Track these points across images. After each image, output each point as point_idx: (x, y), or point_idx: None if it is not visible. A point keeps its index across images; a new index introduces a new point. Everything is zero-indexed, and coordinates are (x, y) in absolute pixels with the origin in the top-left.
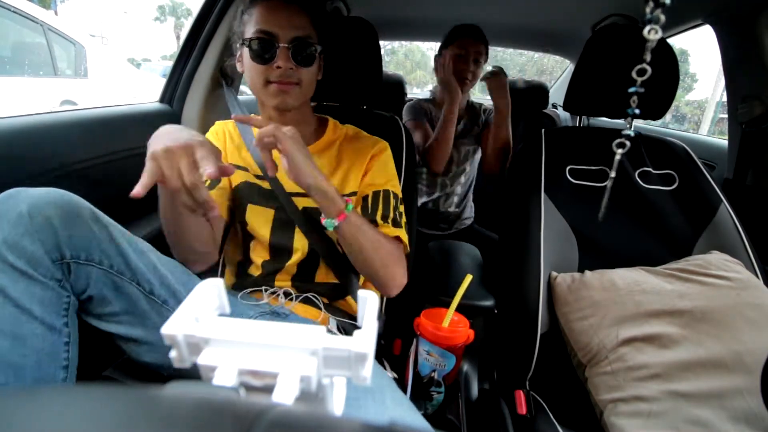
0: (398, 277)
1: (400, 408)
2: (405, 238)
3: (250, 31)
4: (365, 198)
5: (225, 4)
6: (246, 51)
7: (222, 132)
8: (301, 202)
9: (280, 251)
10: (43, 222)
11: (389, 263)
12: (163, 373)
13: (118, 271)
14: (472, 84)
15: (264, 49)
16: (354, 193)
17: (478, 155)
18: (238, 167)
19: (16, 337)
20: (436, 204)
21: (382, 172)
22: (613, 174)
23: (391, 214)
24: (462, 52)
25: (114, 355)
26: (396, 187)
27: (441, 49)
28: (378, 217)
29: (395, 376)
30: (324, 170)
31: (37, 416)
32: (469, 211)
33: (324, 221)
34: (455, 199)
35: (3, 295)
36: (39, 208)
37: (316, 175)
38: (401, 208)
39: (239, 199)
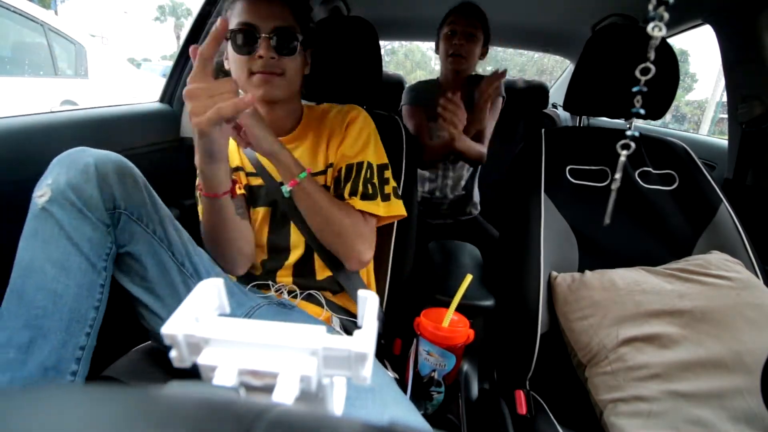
0: (358, 252)
1: (399, 407)
2: (380, 210)
3: (232, 24)
4: (339, 171)
5: (225, 4)
6: (229, 44)
7: None
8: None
9: (277, 250)
10: (104, 174)
11: (345, 235)
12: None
13: (159, 237)
14: (469, 61)
15: (245, 41)
16: (332, 165)
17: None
18: (239, 169)
19: (63, 267)
20: (443, 191)
21: (355, 141)
22: (618, 176)
23: (361, 188)
24: (454, 29)
25: (115, 353)
26: (373, 154)
27: (437, 33)
28: (346, 193)
29: (397, 376)
30: (306, 153)
31: (37, 416)
32: (476, 196)
33: (282, 188)
34: (462, 182)
35: (59, 227)
36: (103, 163)
37: (272, 141)
38: (386, 174)
39: (247, 196)
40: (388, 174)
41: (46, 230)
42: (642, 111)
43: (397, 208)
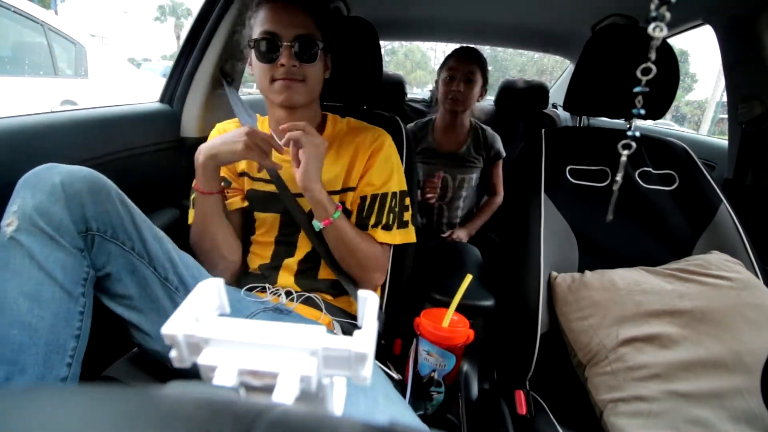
0: (374, 280)
1: (393, 405)
2: (396, 239)
3: (256, 32)
4: (363, 198)
5: (225, 4)
6: (253, 52)
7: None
8: (306, 204)
9: (282, 252)
10: (73, 194)
11: (367, 266)
12: (169, 365)
13: (138, 253)
14: (466, 104)
15: (268, 49)
16: (352, 188)
17: (476, 178)
18: (244, 174)
19: (36, 298)
20: (439, 225)
21: (381, 170)
22: (619, 177)
23: (384, 220)
24: (453, 74)
25: (115, 353)
26: (396, 183)
27: (437, 74)
28: (370, 223)
29: (400, 377)
30: (325, 168)
31: (37, 416)
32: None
33: (313, 222)
34: (459, 214)
35: (30, 257)
36: (71, 182)
37: (319, 186)
38: (406, 201)
39: (252, 204)
40: (408, 201)
41: (16, 261)
42: (643, 111)
43: (410, 236)
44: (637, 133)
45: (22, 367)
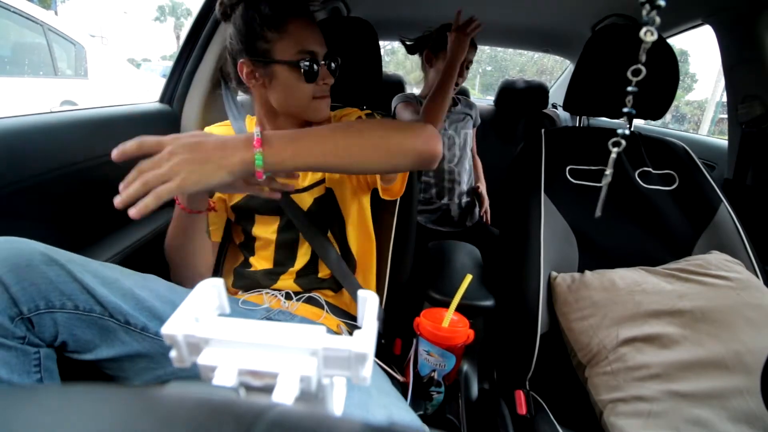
0: (420, 140)
1: (386, 397)
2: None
3: (289, 52)
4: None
5: None
6: (284, 70)
7: None
8: (303, 203)
9: (283, 259)
10: None
11: (387, 136)
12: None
13: (85, 309)
14: (460, 83)
15: (312, 68)
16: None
17: (471, 137)
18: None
19: None
20: (450, 199)
21: (348, 118)
22: (608, 171)
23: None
24: None
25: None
26: (366, 112)
27: (431, 50)
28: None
29: (404, 378)
30: None
31: (37, 416)
32: (478, 208)
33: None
34: (464, 188)
35: None
36: None
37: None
38: None
39: (246, 211)
40: None
41: None
42: (633, 111)
43: None
44: (627, 131)
45: None
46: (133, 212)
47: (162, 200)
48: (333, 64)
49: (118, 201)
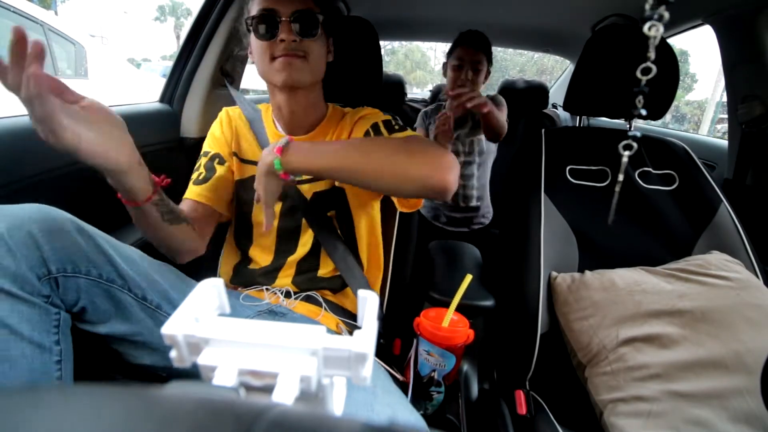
0: (430, 169)
1: (390, 396)
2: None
3: (253, 11)
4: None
5: (225, 4)
6: (252, 34)
7: (227, 119)
8: (307, 190)
9: (284, 248)
10: (24, 239)
11: (400, 161)
12: (161, 374)
13: (108, 279)
14: (474, 91)
15: (267, 26)
16: None
17: (486, 146)
18: (249, 162)
19: (5, 359)
20: (455, 199)
21: (367, 121)
22: (621, 177)
23: (391, 129)
24: (461, 62)
25: (115, 359)
26: (386, 117)
27: (446, 57)
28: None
29: (404, 378)
30: None
31: (37, 416)
32: (487, 209)
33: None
34: (474, 192)
35: None
36: (18, 226)
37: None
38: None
39: (247, 195)
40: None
41: None
42: (644, 111)
43: None
44: (638, 134)
45: None
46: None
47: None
48: (298, 23)
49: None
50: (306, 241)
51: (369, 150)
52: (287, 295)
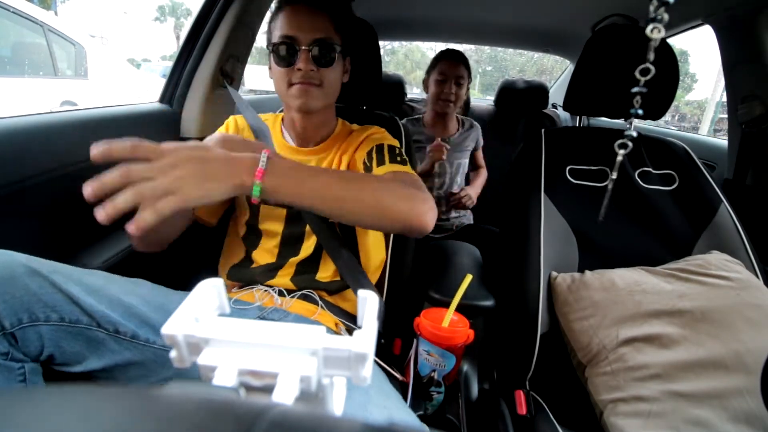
0: (415, 212)
1: (386, 399)
2: (410, 170)
3: (275, 38)
4: (364, 160)
5: (225, 4)
6: (272, 56)
7: (234, 129)
8: None
9: (287, 252)
10: None
11: (384, 198)
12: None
13: (71, 321)
14: (457, 104)
15: (287, 53)
16: None
17: (466, 165)
18: None
19: None
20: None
21: (372, 140)
22: (614, 175)
23: (393, 157)
24: (445, 77)
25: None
26: (391, 142)
27: (426, 74)
28: (374, 165)
29: (405, 379)
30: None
31: (37, 416)
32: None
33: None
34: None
35: None
36: None
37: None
38: (404, 156)
39: (252, 205)
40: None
41: None
42: (641, 111)
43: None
44: (635, 133)
45: None
46: (132, 228)
47: (162, 216)
48: (317, 52)
49: (102, 215)
50: (309, 245)
51: (361, 186)
52: (281, 294)
